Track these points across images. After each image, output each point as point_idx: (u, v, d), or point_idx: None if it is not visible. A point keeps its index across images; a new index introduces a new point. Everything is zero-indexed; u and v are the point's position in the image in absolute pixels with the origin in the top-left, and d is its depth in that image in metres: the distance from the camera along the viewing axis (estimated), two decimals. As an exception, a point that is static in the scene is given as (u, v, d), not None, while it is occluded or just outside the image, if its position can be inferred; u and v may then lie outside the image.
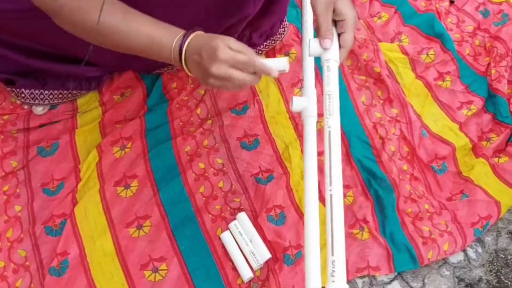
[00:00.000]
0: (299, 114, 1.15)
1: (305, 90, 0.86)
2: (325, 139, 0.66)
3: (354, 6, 1.38)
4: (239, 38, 1.07)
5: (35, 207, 1.01)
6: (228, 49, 0.68)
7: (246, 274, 0.95)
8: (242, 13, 0.94)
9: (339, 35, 0.73)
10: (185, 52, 0.71)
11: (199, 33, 0.73)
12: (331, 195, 0.61)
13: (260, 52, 1.13)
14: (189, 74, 0.75)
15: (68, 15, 0.72)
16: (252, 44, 1.09)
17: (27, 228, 0.98)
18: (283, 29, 1.16)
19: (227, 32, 1.00)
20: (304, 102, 0.82)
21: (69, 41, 0.93)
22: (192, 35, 0.72)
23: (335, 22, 0.73)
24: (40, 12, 0.84)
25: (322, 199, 1.04)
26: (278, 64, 0.72)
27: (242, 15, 0.95)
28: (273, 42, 1.13)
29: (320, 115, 1.12)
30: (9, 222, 0.99)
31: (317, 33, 0.74)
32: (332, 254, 0.55)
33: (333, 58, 0.71)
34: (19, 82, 1.02)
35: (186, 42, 0.71)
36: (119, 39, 0.73)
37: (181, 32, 0.73)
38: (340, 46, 0.73)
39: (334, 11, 0.72)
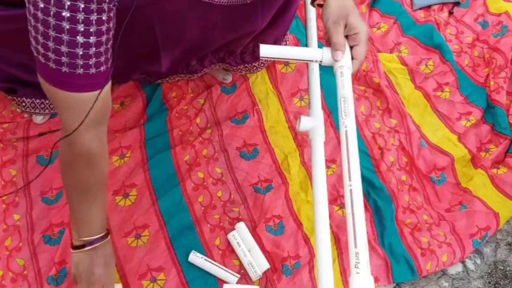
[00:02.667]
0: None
1: (312, 111, 0.86)
2: (341, 138, 0.67)
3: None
4: (242, 52, 1.08)
5: (34, 216, 1.00)
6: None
7: (244, 284, 0.95)
8: (250, 28, 0.94)
9: (351, 47, 0.75)
10: (85, 251, 0.82)
11: (107, 246, 0.85)
12: (351, 190, 0.62)
13: (262, 64, 1.14)
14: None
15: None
16: (255, 58, 1.10)
17: (25, 237, 0.98)
18: (285, 43, 1.16)
19: (231, 45, 1.00)
20: (311, 122, 0.83)
21: None
22: (101, 242, 0.83)
23: (346, 36, 0.75)
24: None
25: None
26: None
27: (250, 30, 0.95)
28: (275, 55, 1.14)
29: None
30: (7, 230, 0.99)
31: (329, 45, 0.76)
32: (355, 247, 0.57)
33: (345, 65, 0.74)
34: (21, 91, 1.02)
35: (93, 245, 0.82)
36: (66, 179, 0.80)
37: (102, 233, 0.84)
38: (352, 58, 0.75)
39: (346, 26, 0.74)
